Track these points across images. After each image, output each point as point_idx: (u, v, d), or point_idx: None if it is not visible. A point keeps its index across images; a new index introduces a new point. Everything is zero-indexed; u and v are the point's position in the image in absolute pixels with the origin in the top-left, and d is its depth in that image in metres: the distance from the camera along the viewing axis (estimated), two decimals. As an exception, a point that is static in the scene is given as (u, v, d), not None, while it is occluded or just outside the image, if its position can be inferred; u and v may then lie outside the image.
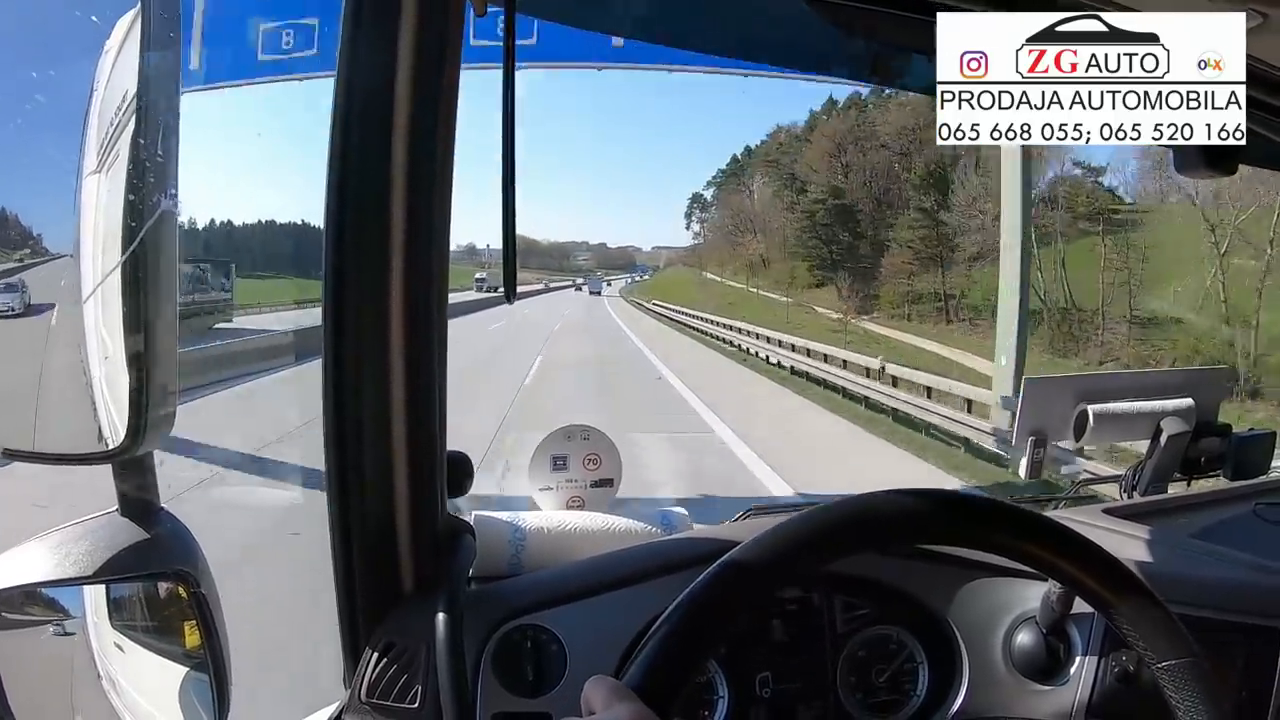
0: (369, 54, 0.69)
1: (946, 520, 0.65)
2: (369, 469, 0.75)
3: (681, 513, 1.00)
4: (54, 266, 0.76)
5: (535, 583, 0.87)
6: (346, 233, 0.71)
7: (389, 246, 0.71)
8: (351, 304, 0.72)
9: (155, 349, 0.64)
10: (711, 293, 33.42)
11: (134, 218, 0.61)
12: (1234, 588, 0.92)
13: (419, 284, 0.72)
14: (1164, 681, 0.61)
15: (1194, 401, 1.26)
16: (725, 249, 36.69)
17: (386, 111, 0.70)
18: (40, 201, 0.79)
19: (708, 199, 40.57)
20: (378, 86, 0.69)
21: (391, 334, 0.72)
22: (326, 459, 0.75)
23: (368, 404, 0.73)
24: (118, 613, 0.79)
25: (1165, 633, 0.61)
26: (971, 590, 0.90)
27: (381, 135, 0.69)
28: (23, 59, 0.76)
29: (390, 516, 0.76)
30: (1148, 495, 1.23)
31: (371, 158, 0.70)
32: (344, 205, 0.71)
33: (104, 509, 0.72)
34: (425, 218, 0.71)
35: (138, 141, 0.63)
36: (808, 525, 0.62)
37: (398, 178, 0.70)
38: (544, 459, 0.97)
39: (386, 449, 0.74)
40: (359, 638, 0.78)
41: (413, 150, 0.70)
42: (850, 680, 0.88)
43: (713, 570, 0.58)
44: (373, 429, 0.74)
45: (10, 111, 0.75)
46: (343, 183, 0.70)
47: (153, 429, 0.65)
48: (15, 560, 0.69)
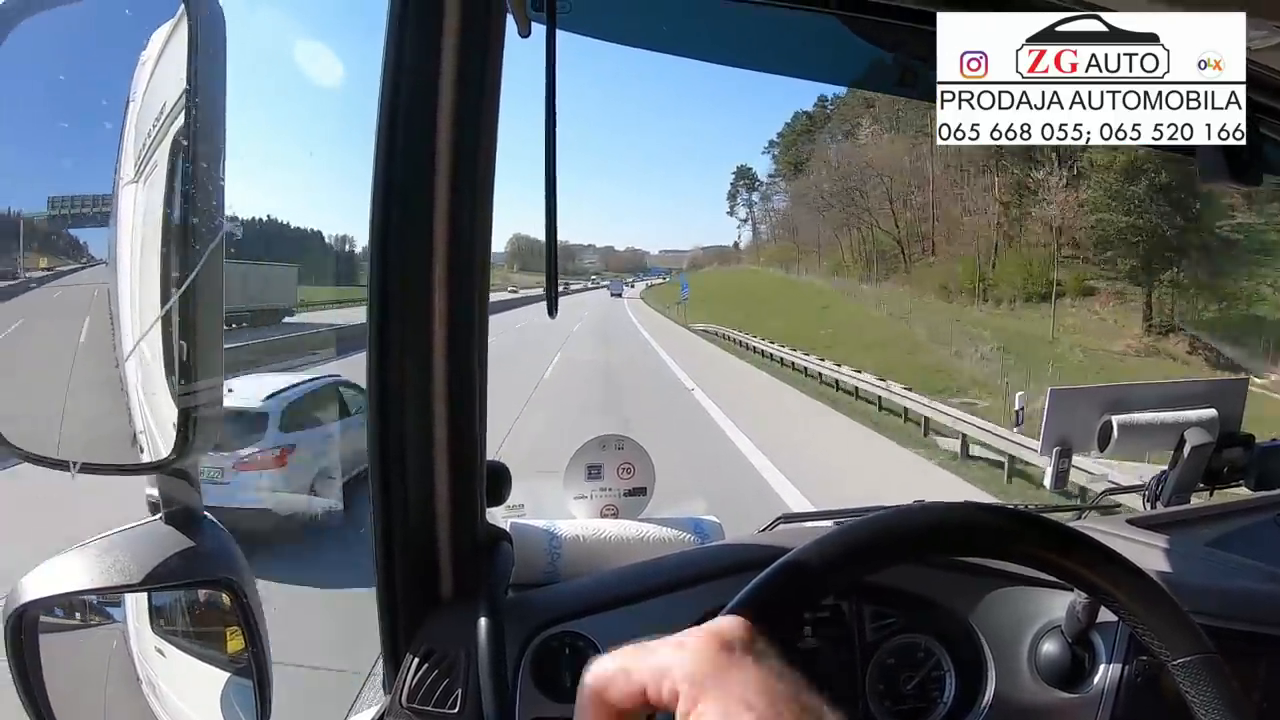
0: (412, 75, 0.70)
1: (974, 533, 0.66)
2: (411, 478, 0.76)
3: (714, 521, 1.01)
4: (89, 273, 0.77)
5: (573, 590, 0.88)
6: (390, 251, 0.72)
7: (431, 261, 0.72)
8: (396, 319, 0.73)
9: (202, 360, 0.65)
10: (843, 316, 22.53)
11: (191, 234, 0.61)
12: (1256, 598, 0.92)
13: (461, 300, 0.73)
14: (1181, 679, 0.61)
15: (1218, 412, 1.26)
16: (806, 236, 27.78)
17: (429, 126, 0.71)
18: (78, 209, 0.79)
19: (758, 175, 33.42)
20: (420, 104, 0.70)
21: (434, 347, 0.73)
22: (370, 467, 0.76)
23: (411, 414, 0.75)
24: (159, 618, 0.80)
25: (1179, 630, 0.61)
26: (997, 599, 0.91)
27: (425, 155, 0.70)
28: (61, 69, 0.76)
29: (431, 524, 0.78)
30: (1171, 506, 1.23)
31: (414, 176, 0.71)
32: (388, 219, 0.72)
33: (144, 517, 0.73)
34: (467, 233, 0.72)
35: (184, 155, 0.63)
36: (831, 545, 0.62)
37: (440, 193, 0.71)
38: (579, 468, 0.98)
39: (429, 458, 0.75)
40: (399, 643, 0.80)
41: (455, 168, 0.71)
42: (879, 688, 0.89)
43: (756, 581, 0.59)
44: (416, 439, 0.75)
45: (48, 121, 0.76)
46: (387, 198, 0.72)
47: (199, 439, 0.66)
48: (61, 567, 0.70)
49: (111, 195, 0.76)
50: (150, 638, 0.80)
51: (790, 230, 31.54)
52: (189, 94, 0.63)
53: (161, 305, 0.67)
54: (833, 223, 27.59)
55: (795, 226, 30.81)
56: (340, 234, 26.28)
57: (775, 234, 34.22)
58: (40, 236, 0.76)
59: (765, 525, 1.07)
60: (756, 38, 0.87)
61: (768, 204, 34.81)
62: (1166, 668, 0.61)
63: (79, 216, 0.78)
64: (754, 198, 35.05)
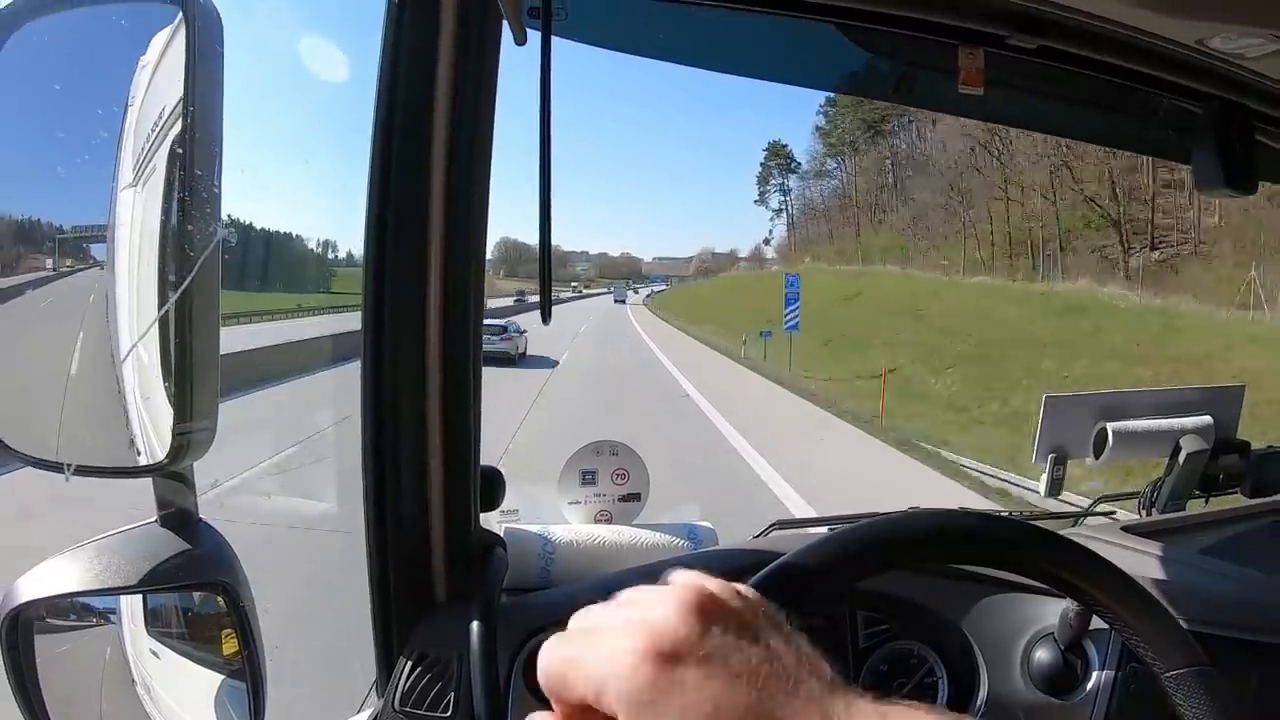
0: (407, 80, 0.71)
1: (963, 541, 0.66)
2: (405, 481, 0.76)
3: (708, 527, 1.01)
4: (86, 276, 0.78)
5: (567, 595, 0.88)
6: (386, 256, 0.72)
7: (426, 265, 0.72)
8: (390, 323, 0.74)
9: (198, 364, 0.65)
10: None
11: (185, 238, 0.62)
12: (1251, 606, 0.92)
13: (457, 304, 0.73)
14: (1173, 692, 0.61)
15: (1213, 419, 1.26)
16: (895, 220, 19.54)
17: (425, 132, 0.71)
18: (78, 213, 0.79)
19: (795, 157, 28.38)
20: (416, 110, 0.71)
21: (429, 352, 0.74)
22: (364, 471, 0.76)
23: (404, 417, 0.75)
24: (154, 621, 0.80)
25: (1173, 642, 0.61)
26: (990, 606, 0.91)
27: (420, 160, 0.71)
28: (65, 76, 0.77)
29: (425, 528, 0.78)
30: (1166, 513, 1.23)
31: (410, 182, 0.71)
32: (384, 225, 0.72)
33: (143, 519, 0.73)
34: (462, 238, 0.73)
35: (181, 160, 0.64)
36: (825, 550, 0.62)
37: (435, 199, 0.72)
38: (573, 473, 0.98)
39: (422, 462, 0.76)
40: (392, 647, 0.80)
41: (450, 175, 0.71)
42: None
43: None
44: (409, 442, 0.75)
45: (49, 125, 0.76)
46: (383, 204, 0.72)
47: (196, 443, 0.66)
48: (58, 568, 0.71)
49: (110, 199, 0.76)
50: (145, 640, 0.80)
51: (848, 216, 23.17)
52: (186, 100, 0.64)
53: (158, 309, 0.67)
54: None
55: (883, 206, 21.91)
56: (331, 239, 25.90)
57: (831, 220, 26.25)
58: (40, 239, 0.77)
59: (759, 531, 1.07)
60: (751, 45, 0.87)
61: (820, 182, 27.51)
62: (1160, 679, 0.61)
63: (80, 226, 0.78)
64: (788, 184, 28.55)
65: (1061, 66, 0.87)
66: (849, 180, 24.09)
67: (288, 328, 17.49)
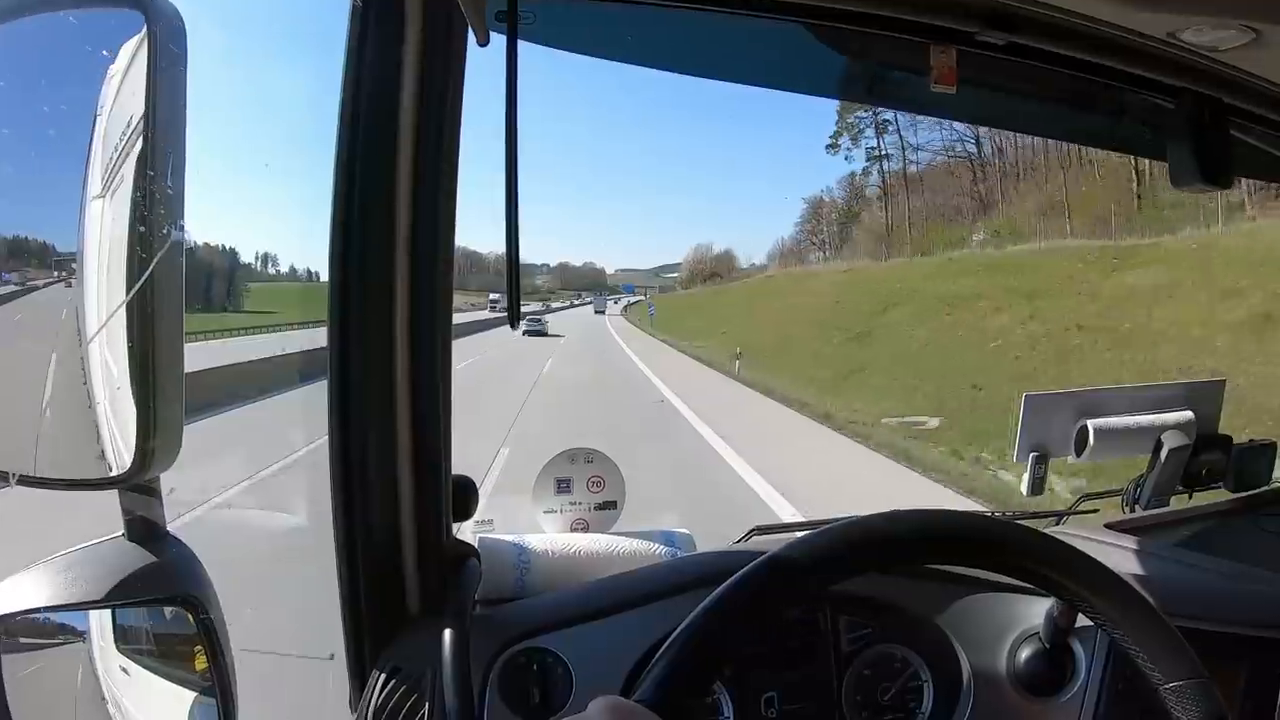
0: (372, 83, 0.70)
1: (944, 541, 0.66)
2: (374, 493, 0.75)
3: (685, 534, 1.00)
4: (57, 289, 0.77)
5: (541, 605, 0.87)
6: (351, 263, 0.72)
7: (393, 273, 0.72)
8: (356, 331, 0.73)
9: (162, 374, 0.65)
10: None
11: (141, 243, 0.61)
12: (1237, 600, 0.92)
13: (424, 312, 0.73)
14: (1170, 703, 0.61)
15: (1194, 414, 1.26)
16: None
17: (391, 134, 0.71)
18: (48, 225, 0.79)
19: (851, 121, 21.70)
20: (381, 115, 0.70)
21: (397, 359, 0.73)
22: (332, 482, 0.75)
23: (373, 428, 0.74)
24: (123, 637, 0.79)
25: (1172, 653, 0.61)
26: (974, 607, 0.90)
27: (386, 166, 0.70)
28: (30, 84, 0.76)
29: (396, 540, 0.77)
30: (1150, 509, 1.23)
31: (375, 188, 0.71)
32: (349, 231, 0.71)
33: (109, 534, 0.72)
34: (430, 245, 0.72)
35: (143, 165, 0.63)
36: (807, 548, 0.62)
37: (402, 205, 0.71)
38: (548, 482, 0.97)
39: (392, 473, 0.75)
40: (365, 661, 0.79)
41: (416, 180, 0.71)
42: (855, 699, 0.88)
43: (725, 587, 0.59)
44: (378, 453, 0.74)
45: (20, 138, 0.76)
46: (348, 210, 0.71)
47: (160, 454, 0.65)
48: (23, 584, 0.69)
49: (79, 209, 0.76)
50: (115, 656, 0.79)
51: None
52: (149, 107, 0.64)
53: (125, 319, 0.67)
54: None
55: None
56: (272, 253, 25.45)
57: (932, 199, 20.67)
58: (11, 248, 0.76)
59: (739, 537, 1.06)
60: (721, 47, 0.87)
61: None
62: (1159, 691, 0.61)
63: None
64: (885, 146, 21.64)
65: (1033, 64, 0.87)
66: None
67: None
